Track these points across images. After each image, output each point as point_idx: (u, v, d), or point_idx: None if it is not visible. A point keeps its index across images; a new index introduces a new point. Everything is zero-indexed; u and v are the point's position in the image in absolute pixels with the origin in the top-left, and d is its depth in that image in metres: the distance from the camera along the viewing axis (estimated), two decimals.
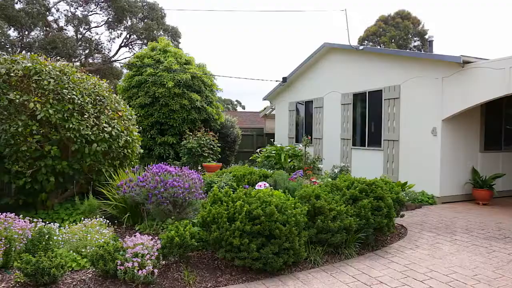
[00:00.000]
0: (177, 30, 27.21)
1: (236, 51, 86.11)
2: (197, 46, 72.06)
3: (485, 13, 57.17)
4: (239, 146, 15.64)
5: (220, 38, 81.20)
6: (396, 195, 5.48)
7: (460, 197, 8.81)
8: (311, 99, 13.34)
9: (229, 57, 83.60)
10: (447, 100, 8.31)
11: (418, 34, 35.13)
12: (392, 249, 5.24)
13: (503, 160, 9.40)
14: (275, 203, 4.28)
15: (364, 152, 10.71)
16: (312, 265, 4.52)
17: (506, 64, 7.19)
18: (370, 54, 10.69)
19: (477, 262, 4.72)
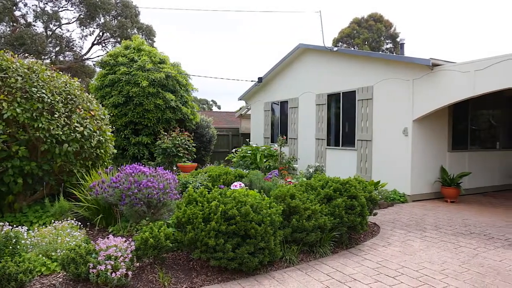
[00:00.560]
0: (152, 29, 26.83)
1: (211, 51, 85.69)
2: (172, 45, 71.29)
3: (455, 17, 59.25)
4: (215, 146, 15.59)
5: (196, 37, 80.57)
6: (369, 194, 5.60)
7: (430, 195, 9.10)
8: (286, 100, 13.44)
9: (204, 56, 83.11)
10: (417, 101, 8.57)
11: (390, 37, 36.04)
12: (365, 246, 5.35)
13: (469, 159, 9.78)
14: (251, 203, 4.30)
15: (338, 152, 10.89)
16: (287, 264, 4.56)
17: (472, 67, 7.49)
18: (344, 55, 10.88)
19: (445, 257, 4.89)
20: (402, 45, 13.09)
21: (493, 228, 6.37)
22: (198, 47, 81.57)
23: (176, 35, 73.59)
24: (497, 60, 7.09)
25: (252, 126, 16.10)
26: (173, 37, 71.42)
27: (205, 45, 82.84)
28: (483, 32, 58.96)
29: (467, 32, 60.12)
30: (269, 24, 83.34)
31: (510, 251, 5.14)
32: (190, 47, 78.99)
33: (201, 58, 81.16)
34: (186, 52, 76.85)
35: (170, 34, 69.79)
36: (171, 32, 71.04)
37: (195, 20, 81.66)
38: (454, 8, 58.16)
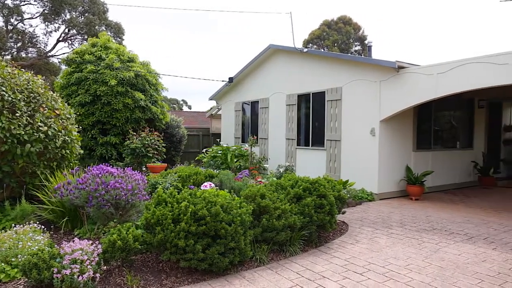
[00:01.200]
0: (121, 27, 26.22)
1: (182, 50, 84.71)
2: (142, 44, 69.94)
3: (421, 20, 61.39)
4: (185, 146, 15.44)
5: (166, 36, 79.40)
6: (338, 193, 5.71)
7: (396, 193, 9.40)
8: (257, 100, 13.50)
9: (175, 56, 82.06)
10: (384, 102, 8.83)
11: (358, 39, 36.91)
12: (334, 244, 5.46)
13: (432, 158, 10.18)
14: (221, 203, 4.29)
15: (308, 151, 11.05)
16: (258, 263, 4.59)
17: (434, 70, 7.80)
18: (314, 56, 11.05)
19: (410, 253, 5.07)
20: (370, 48, 13.45)
21: (453, 224, 6.66)
22: (169, 47, 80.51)
23: (146, 34, 72.25)
24: (457, 64, 7.42)
25: (222, 126, 16.06)
26: (143, 36, 70.09)
27: (176, 45, 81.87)
28: (449, 35, 61.46)
29: (433, 35, 62.46)
30: (241, 24, 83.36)
31: (468, 245, 5.39)
32: (160, 47, 77.81)
33: (171, 58, 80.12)
34: (156, 51, 75.66)
35: (140, 33, 68.46)
36: (140, 31, 69.68)
37: (165, 19, 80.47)
38: (420, 12, 60.28)
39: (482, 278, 4.19)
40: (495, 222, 6.86)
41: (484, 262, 4.72)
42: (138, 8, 53.90)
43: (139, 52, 46.07)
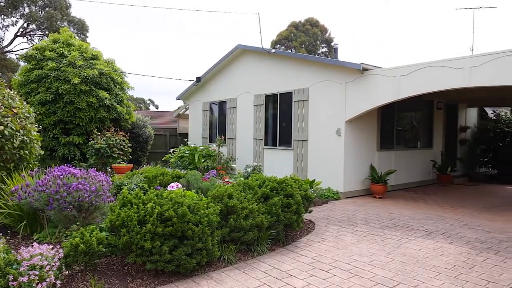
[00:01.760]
0: (84, 23, 25.37)
1: (150, 49, 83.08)
2: (107, 41, 67.98)
3: (387, 24, 63.35)
4: (152, 147, 15.17)
5: (132, 35, 77.58)
6: (305, 192, 5.81)
7: (361, 192, 9.66)
8: (224, 100, 13.47)
9: (142, 55, 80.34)
10: (349, 103, 9.05)
11: (325, 41, 37.61)
12: (301, 243, 5.55)
13: (395, 157, 10.55)
14: (188, 203, 4.26)
15: (275, 151, 11.15)
16: (225, 263, 4.59)
17: (397, 73, 8.09)
18: (282, 57, 11.16)
19: (374, 249, 5.24)
20: (336, 50, 13.76)
21: (414, 220, 6.93)
22: (135, 46, 78.69)
23: (111, 33, 70.33)
24: (418, 67, 7.73)
25: (190, 126, 15.91)
26: (108, 35, 68.17)
27: (143, 44, 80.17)
28: (413, 38, 63.79)
29: (397, 38, 64.61)
30: (210, 24, 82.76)
31: (427, 240, 5.63)
32: (126, 46, 75.93)
33: (138, 57, 78.38)
34: (122, 50, 73.77)
35: (105, 31, 66.52)
36: (105, 29, 67.72)
37: (131, 17, 78.58)
38: (385, 15, 62.20)
39: (439, 271, 4.39)
40: (452, 217, 7.21)
41: (441, 256, 4.95)
42: (103, 6, 52.36)
43: (105, 50, 44.78)
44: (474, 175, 13.36)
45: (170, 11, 75.06)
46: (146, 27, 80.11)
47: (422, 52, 59.56)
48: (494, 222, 6.87)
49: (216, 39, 79.48)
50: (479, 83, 6.85)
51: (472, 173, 13.43)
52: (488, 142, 13.06)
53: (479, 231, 6.25)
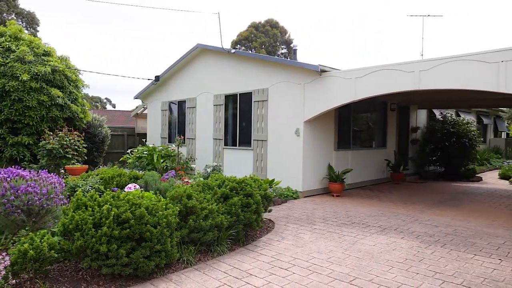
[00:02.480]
0: (35, 16, 24.06)
1: (108, 47, 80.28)
2: (61, 37, 64.90)
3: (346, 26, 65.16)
4: (109, 147, 14.69)
5: (90, 32, 74.58)
6: (264, 192, 5.86)
7: (319, 191, 9.89)
8: (184, 99, 13.31)
9: (99, 53, 77.43)
10: (308, 104, 9.25)
11: (285, 43, 38.12)
12: (261, 242, 5.60)
13: (352, 157, 10.90)
14: (146, 205, 4.17)
15: (235, 151, 11.17)
16: (185, 265, 4.54)
17: (353, 75, 8.37)
18: (242, 58, 11.19)
19: (331, 246, 5.39)
20: (295, 51, 13.98)
21: (369, 217, 7.21)
22: (92, 44, 75.70)
23: (66, 29, 67.26)
24: (373, 70, 8.04)
25: (149, 125, 15.57)
26: (62, 31, 65.13)
27: (101, 41, 77.30)
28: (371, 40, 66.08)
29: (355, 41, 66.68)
30: (169, 23, 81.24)
31: (382, 236, 5.88)
32: (82, 43, 72.87)
33: (95, 54, 75.46)
34: (77, 46, 70.66)
35: (59, 27, 63.50)
36: (60, 25, 64.67)
37: (89, 13, 75.53)
38: (344, 18, 64.00)
39: (392, 265, 4.60)
40: (404, 214, 7.57)
41: (394, 250, 5.19)
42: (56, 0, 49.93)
43: (57, 45, 42.76)
44: (424, 173, 14.10)
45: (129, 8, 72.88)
46: (104, 26, 77.41)
47: (376, 56, 61.95)
48: (441, 217, 7.29)
49: (176, 38, 78.22)
50: (427, 86, 7.24)
51: (422, 171, 14.17)
52: (436, 142, 13.82)
53: (428, 225, 6.60)
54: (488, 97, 10.71)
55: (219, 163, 11.30)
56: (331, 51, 63.35)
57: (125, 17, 79.86)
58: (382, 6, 62.74)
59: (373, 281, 4.12)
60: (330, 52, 63.03)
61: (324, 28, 65.09)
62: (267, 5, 59.55)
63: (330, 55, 62.62)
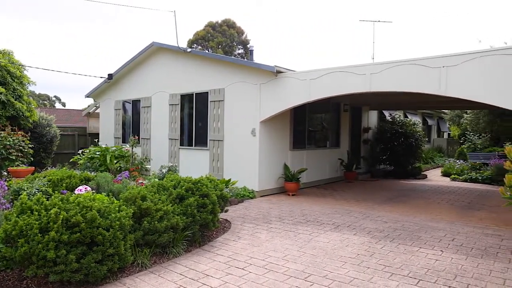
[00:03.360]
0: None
1: (57, 43, 76.23)
2: (4, 31, 60.78)
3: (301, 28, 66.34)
4: (58, 147, 13.99)
5: (39, 27, 70.40)
6: (221, 192, 5.85)
7: (275, 190, 10.03)
8: (138, 98, 12.96)
9: (48, 49, 73.34)
10: (264, 104, 9.34)
11: (241, 43, 38.18)
12: (217, 242, 5.59)
13: (307, 156, 11.16)
14: (98, 207, 4.03)
15: (191, 151, 11.05)
16: (139, 268, 4.43)
17: (308, 76, 8.57)
18: (198, 57, 11.09)
19: (287, 245, 5.49)
20: (252, 52, 14.09)
21: (324, 215, 7.41)
22: (40, 38, 71.52)
23: (11, 21, 63.05)
24: (326, 72, 8.28)
25: (101, 125, 15.00)
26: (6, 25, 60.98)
27: (51, 38, 73.27)
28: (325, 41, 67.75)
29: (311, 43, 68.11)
30: (124, 20, 78.65)
31: (335, 233, 6.08)
32: (29, 36, 68.66)
33: (43, 50, 71.35)
34: (25, 42, 66.50)
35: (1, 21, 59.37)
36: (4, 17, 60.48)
37: (38, 9, 71.30)
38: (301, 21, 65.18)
39: (345, 261, 4.77)
40: (356, 211, 7.86)
41: (347, 246, 5.38)
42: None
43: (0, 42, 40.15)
44: (375, 171, 14.72)
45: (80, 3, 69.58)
46: (55, 20, 73.49)
47: (330, 58, 63.76)
48: (390, 213, 7.66)
49: (131, 36, 75.87)
50: (377, 88, 7.57)
51: (373, 169, 14.78)
52: (386, 141, 14.48)
53: (378, 221, 6.91)
54: (432, 100, 11.39)
55: (174, 164, 11.11)
56: (287, 52, 64.38)
57: (76, 13, 76.31)
58: (336, 10, 64.70)
59: (327, 277, 4.25)
60: (286, 53, 64.04)
61: (280, 29, 66.02)
62: (224, 5, 59.40)
63: (287, 57, 63.63)
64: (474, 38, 49.54)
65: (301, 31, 67.82)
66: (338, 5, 64.30)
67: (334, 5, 64.44)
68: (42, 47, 71.08)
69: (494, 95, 6.29)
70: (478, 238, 5.83)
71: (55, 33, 74.65)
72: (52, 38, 73.71)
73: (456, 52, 6.65)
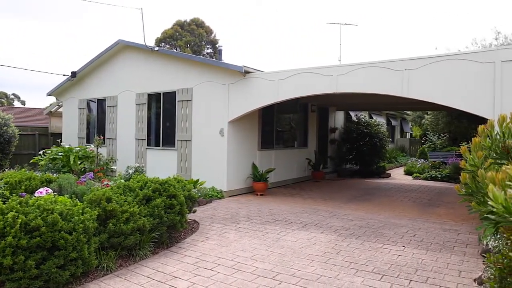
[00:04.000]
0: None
1: (17, 39, 72.69)
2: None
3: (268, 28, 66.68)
4: (17, 148, 13.38)
5: None
6: (188, 192, 5.80)
7: (244, 190, 10.04)
8: (104, 97, 12.61)
9: (6, 44, 69.77)
10: (232, 104, 9.34)
11: (210, 43, 37.96)
12: (185, 244, 5.53)
13: (275, 156, 11.25)
14: (60, 210, 3.89)
15: (159, 152, 10.87)
16: (105, 272, 4.31)
17: (276, 77, 8.64)
18: (166, 56, 10.92)
19: (255, 244, 5.51)
20: (220, 52, 14.03)
21: (292, 214, 7.51)
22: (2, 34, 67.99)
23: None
24: (294, 73, 8.39)
25: (64, 125, 14.46)
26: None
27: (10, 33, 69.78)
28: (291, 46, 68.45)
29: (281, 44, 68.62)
30: (90, 17, 76.07)
31: (303, 232, 6.17)
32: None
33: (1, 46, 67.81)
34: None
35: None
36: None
37: None
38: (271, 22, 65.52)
39: (312, 259, 4.85)
40: (323, 209, 8.02)
41: (314, 245, 5.47)
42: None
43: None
44: (341, 171, 15.05)
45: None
46: (16, 15, 70.05)
47: (299, 59, 64.58)
48: (356, 211, 7.86)
49: (97, 33, 73.52)
50: (344, 89, 7.76)
51: (340, 169, 15.11)
52: (352, 141, 14.85)
53: (344, 220, 7.08)
54: (395, 101, 11.80)
55: (141, 164, 10.89)
56: (256, 53, 64.58)
57: (39, 7, 73.05)
58: (306, 12, 65.59)
59: (295, 275, 4.31)
60: (255, 54, 64.24)
61: (250, 30, 66.17)
62: (193, 4, 58.82)
63: (256, 57, 63.84)
64: (433, 44, 51.81)
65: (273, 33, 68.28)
66: (307, 7, 65.24)
67: (303, 7, 65.34)
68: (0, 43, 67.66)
69: (450, 97, 6.61)
70: (437, 234, 6.10)
71: (15, 28, 71.26)
72: (11, 34, 70.31)
73: (417, 56, 6.94)
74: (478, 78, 6.29)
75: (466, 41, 39.01)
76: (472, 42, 21.73)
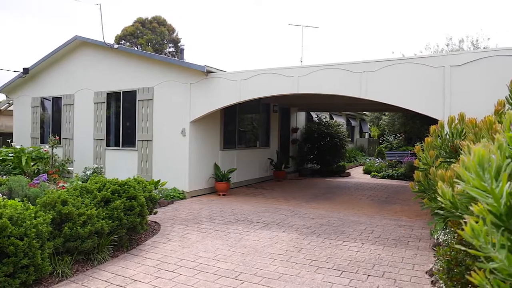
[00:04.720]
0: None
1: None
2: None
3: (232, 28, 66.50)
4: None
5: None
6: (149, 194, 5.69)
7: (206, 190, 9.98)
8: (60, 95, 12.07)
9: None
10: (194, 104, 9.25)
11: (172, 41, 37.35)
12: (146, 246, 5.42)
13: (237, 156, 11.27)
14: (9, 214, 3.69)
15: (118, 152, 10.57)
16: (60, 278, 4.14)
17: (238, 77, 8.66)
18: (126, 54, 10.63)
19: (218, 244, 5.50)
20: (182, 50, 13.88)
21: (254, 214, 7.55)
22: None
23: None
24: (256, 73, 8.44)
25: (15, 124, 13.69)
26: None
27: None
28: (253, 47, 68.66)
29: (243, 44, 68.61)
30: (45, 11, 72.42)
31: (265, 231, 6.23)
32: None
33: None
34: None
35: None
36: None
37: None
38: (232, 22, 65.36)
39: (274, 257, 4.91)
40: (285, 209, 8.13)
41: (276, 244, 5.54)
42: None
43: None
44: (303, 170, 15.32)
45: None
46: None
47: (262, 60, 64.98)
48: (317, 210, 8.04)
49: (54, 29, 70.12)
50: (305, 90, 7.90)
51: (301, 168, 15.38)
52: (313, 141, 15.15)
53: (306, 218, 7.22)
54: (354, 102, 12.17)
55: (100, 165, 10.54)
56: (219, 53, 64.29)
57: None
58: (267, 13, 66.07)
59: (257, 274, 4.34)
60: (218, 54, 63.92)
61: (212, 30, 65.73)
62: (155, 2, 57.59)
63: (218, 57, 63.51)
64: (390, 48, 53.89)
65: (234, 33, 68.20)
66: (268, 8, 65.77)
67: (265, 8, 65.81)
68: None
69: (405, 99, 6.92)
70: (393, 230, 6.37)
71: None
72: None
73: (375, 59, 7.20)
74: (429, 81, 6.63)
75: (421, 46, 40.94)
76: (426, 47, 22.89)
